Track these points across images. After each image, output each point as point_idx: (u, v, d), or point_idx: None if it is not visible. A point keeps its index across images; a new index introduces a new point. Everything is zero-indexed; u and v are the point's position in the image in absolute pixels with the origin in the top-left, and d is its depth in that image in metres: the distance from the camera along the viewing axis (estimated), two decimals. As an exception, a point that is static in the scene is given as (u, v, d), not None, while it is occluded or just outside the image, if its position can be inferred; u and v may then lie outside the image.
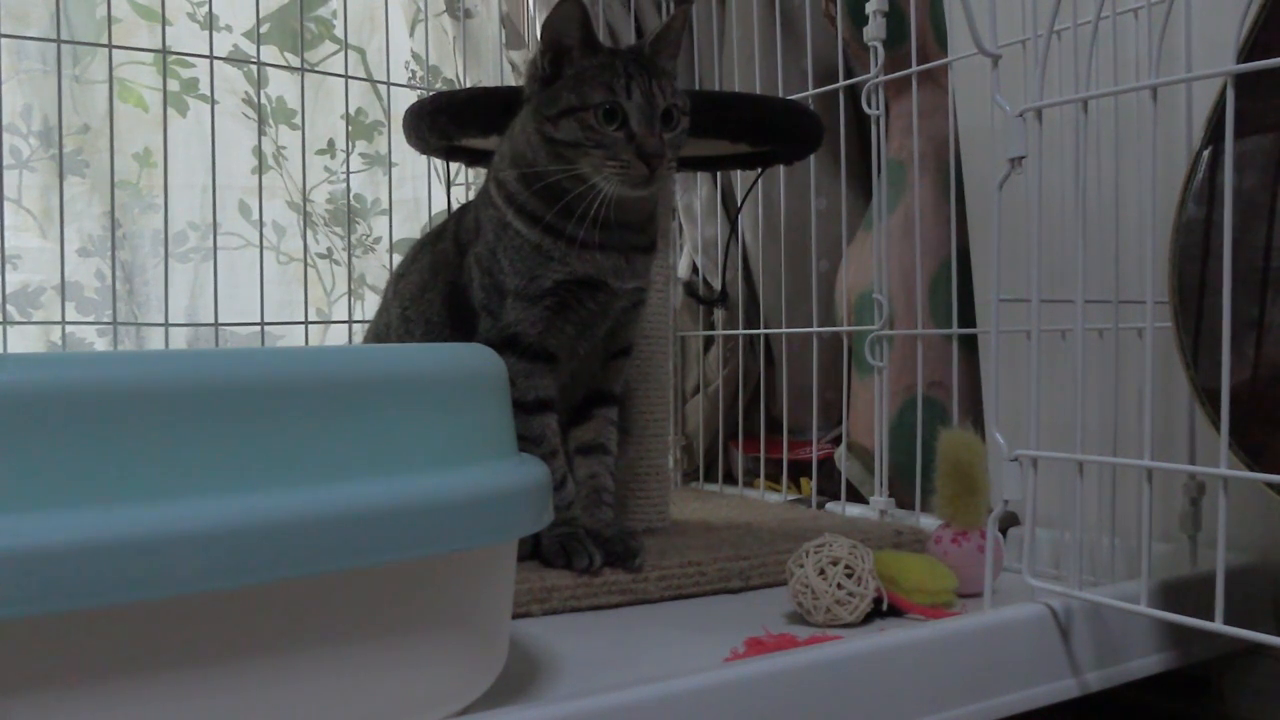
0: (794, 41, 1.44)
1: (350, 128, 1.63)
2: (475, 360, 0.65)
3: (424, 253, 1.04)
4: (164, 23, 1.45)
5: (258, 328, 1.37)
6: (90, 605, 0.45)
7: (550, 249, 0.90)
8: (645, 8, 1.63)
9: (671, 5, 1.63)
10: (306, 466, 0.51)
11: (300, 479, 0.51)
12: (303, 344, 1.47)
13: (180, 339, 1.58)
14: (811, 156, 1.24)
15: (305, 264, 1.59)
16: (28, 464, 0.45)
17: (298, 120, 1.63)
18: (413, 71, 1.81)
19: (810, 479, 1.36)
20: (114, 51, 1.35)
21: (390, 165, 1.52)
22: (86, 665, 0.46)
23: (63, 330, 1.45)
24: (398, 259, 1.28)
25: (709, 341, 1.60)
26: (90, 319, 1.61)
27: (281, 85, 1.73)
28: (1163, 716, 1.01)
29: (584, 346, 0.96)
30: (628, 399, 1.08)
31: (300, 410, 0.52)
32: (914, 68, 1.21)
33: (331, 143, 1.78)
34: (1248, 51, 0.77)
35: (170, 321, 1.36)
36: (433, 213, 1.70)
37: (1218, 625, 0.70)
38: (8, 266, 1.37)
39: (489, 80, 1.75)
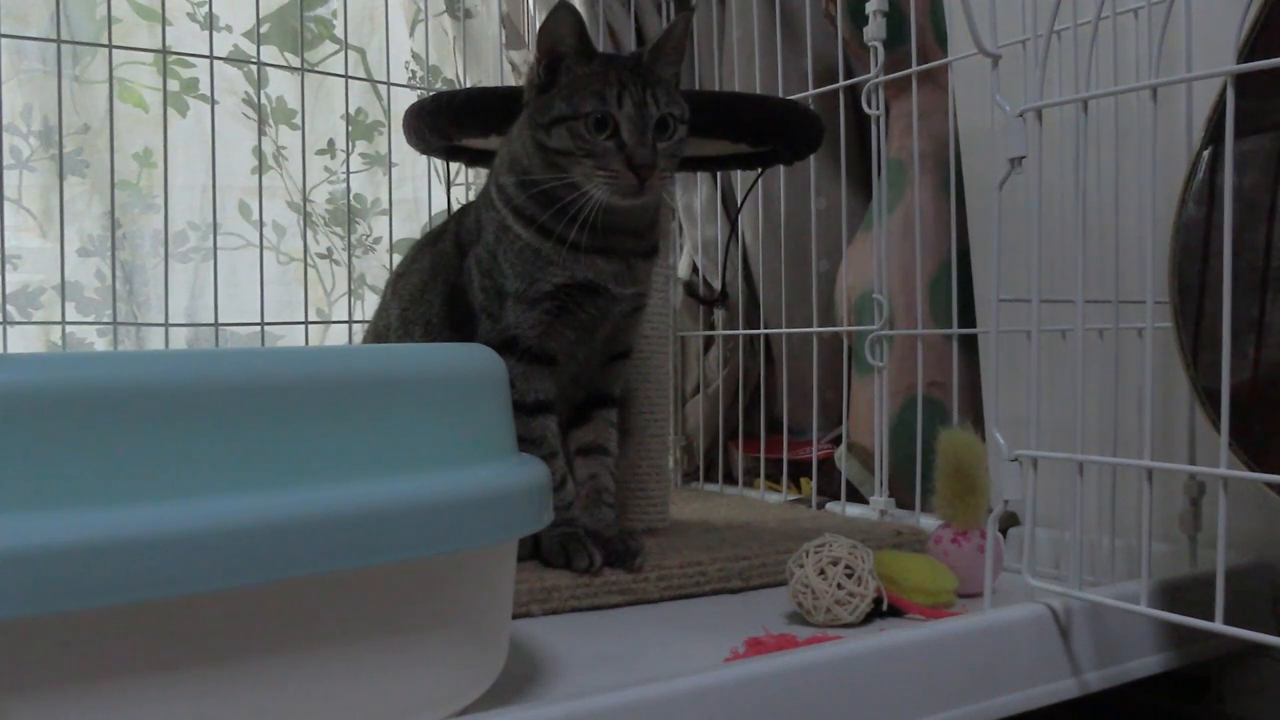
0: (794, 41, 1.44)
1: (350, 128, 1.63)
2: (475, 361, 0.65)
3: (424, 253, 1.04)
4: (164, 23, 1.45)
5: (258, 328, 1.37)
6: (90, 605, 0.45)
7: (550, 253, 0.90)
8: (645, 9, 1.63)
9: (671, 6, 1.63)
10: (306, 466, 0.51)
11: (300, 479, 0.51)
12: (303, 344, 1.47)
13: (180, 339, 1.58)
14: (811, 156, 1.23)
15: (305, 264, 1.59)
16: (28, 464, 0.45)
17: (298, 120, 1.63)
18: (413, 71, 1.81)
19: (810, 479, 1.36)
20: (114, 51, 1.35)
21: (390, 165, 1.52)
22: (86, 665, 0.46)
23: (63, 330, 1.46)
24: (398, 259, 1.28)
25: (709, 341, 1.60)
26: (90, 319, 1.61)
27: (281, 85, 1.73)
28: (1163, 716, 1.01)
29: (583, 350, 0.96)
30: (628, 399, 1.08)
31: (300, 410, 0.52)
32: (914, 68, 1.20)
33: (331, 143, 1.78)
34: (1248, 52, 0.77)
35: (170, 321, 1.36)
36: (433, 213, 1.70)
37: (1218, 625, 0.69)
38: (8, 266, 1.37)
39: (489, 80, 1.75)
